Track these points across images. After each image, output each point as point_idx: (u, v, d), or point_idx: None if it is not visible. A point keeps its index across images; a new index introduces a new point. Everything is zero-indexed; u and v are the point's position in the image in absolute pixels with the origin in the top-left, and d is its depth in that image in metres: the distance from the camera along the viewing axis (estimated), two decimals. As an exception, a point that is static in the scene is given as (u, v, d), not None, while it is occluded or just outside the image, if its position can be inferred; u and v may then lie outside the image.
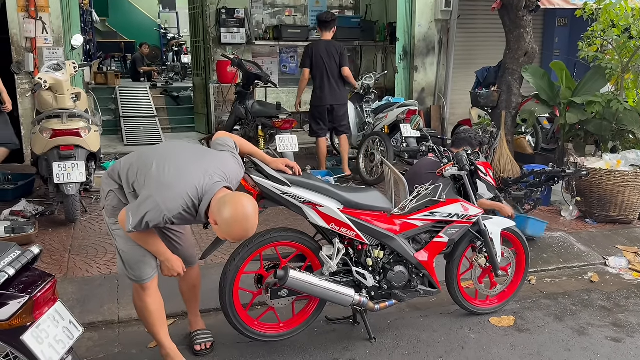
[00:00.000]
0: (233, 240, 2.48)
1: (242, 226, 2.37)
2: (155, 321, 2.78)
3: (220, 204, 2.39)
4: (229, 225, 2.36)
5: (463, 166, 3.34)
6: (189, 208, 2.44)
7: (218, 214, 2.38)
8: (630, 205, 5.13)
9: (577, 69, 7.58)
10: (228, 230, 2.38)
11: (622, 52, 5.75)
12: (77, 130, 4.62)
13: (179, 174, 2.46)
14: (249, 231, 2.41)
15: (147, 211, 2.37)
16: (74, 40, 6.00)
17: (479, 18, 8.56)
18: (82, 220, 4.90)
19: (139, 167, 2.56)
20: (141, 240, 2.59)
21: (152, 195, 2.41)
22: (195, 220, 2.53)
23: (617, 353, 3.19)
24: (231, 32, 8.66)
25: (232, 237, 2.42)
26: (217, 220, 2.39)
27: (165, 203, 2.38)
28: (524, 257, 3.61)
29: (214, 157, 2.63)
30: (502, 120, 6.02)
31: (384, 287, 3.14)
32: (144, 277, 2.71)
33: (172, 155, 2.60)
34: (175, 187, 2.42)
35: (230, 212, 2.35)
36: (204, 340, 3.11)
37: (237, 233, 2.39)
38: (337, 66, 6.12)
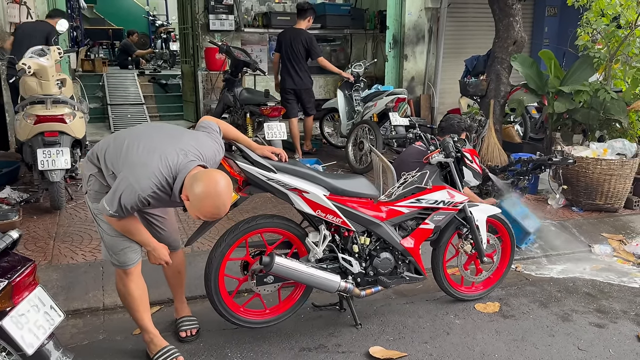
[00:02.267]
0: (204, 218, 2.41)
1: (213, 202, 2.32)
2: (138, 306, 2.77)
3: (193, 180, 2.35)
4: (200, 200, 2.32)
5: (449, 153, 3.35)
6: (163, 187, 2.41)
7: (190, 189, 2.34)
8: (616, 193, 5.17)
9: (566, 58, 7.58)
10: (199, 206, 2.33)
11: (610, 41, 5.77)
12: (61, 116, 4.56)
13: (152, 152, 2.43)
14: (220, 208, 2.35)
15: (122, 192, 2.36)
16: (59, 26, 5.92)
17: (469, 7, 8.54)
18: (68, 207, 4.86)
19: (114, 148, 2.53)
20: (126, 230, 2.57)
21: (126, 176, 2.39)
22: (171, 200, 2.49)
23: (600, 338, 3.22)
24: (220, 18, 8.56)
25: (203, 213, 2.36)
26: (189, 195, 2.35)
27: (139, 182, 2.36)
28: (509, 244, 3.63)
29: (190, 137, 2.60)
30: (490, 109, 6.02)
31: (370, 273, 3.15)
32: (127, 262, 2.69)
33: (147, 134, 2.59)
34: (148, 165, 2.39)
35: (202, 187, 2.31)
36: (190, 327, 3.10)
37: (207, 209, 2.34)
38: (302, 54, 6.63)
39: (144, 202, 2.41)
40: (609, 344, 3.16)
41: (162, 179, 2.40)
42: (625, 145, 5.27)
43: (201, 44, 8.70)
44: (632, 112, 5.54)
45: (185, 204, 2.40)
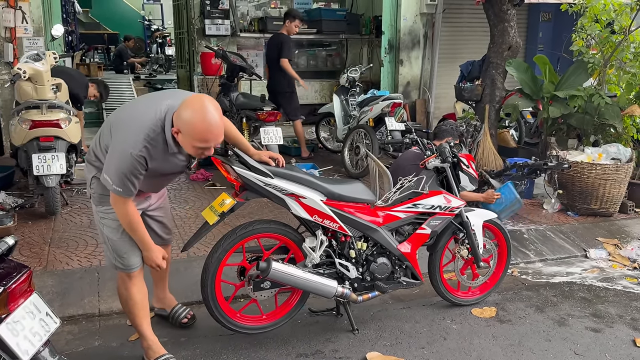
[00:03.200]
0: (200, 143, 2.36)
1: (203, 117, 2.31)
2: (139, 311, 2.76)
3: (180, 110, 2.36)
4: (190, 123, 2.31)
5: (445, 158, 3.35)
6: (152, 139, 2.39)
7: (178, 119, 2.35)
8: (611, 198, 5.19)
9: (561, 63, 7.63)
10: (191, 130, 2.32)
11: (604, 46, 5.81)
12: (56, 121, 4.54)
13: (134, 114, 2.48)
14: (212, 124, 2.33)
15: (116, 160, 2.37)
16: (54, 30, 5.91)
17: (464, 12, 8.58)
18: (63, 212, 4.83)
19: (105, 134, 2.53)
20: (128, 223, 2.54)
21: (114, 143, 2.41)
22: (168, 153, 2.46)
23: (597, 343, 3.23)
24: (215, 23, 8.57)
25: (197, 135, 2.33)
26: (179, 127, 2.35)
27: (127, 141, 2.36)
28: (505, 249, 3.64)
29: (175, 94, 2.57)
30: (485, 113, 6.04)
31: (367, 278, 3.14)
32: (132, 265, 2.70)
33: (130, 105, 2.66)
34: (132, 124, 2.41)
35: (189, 109, 2.33)
36: (186, 312, 3.19)
37: (199, 129, 2.32)
38: (276, 57, 6.77)
39: (140, 163, 2.37)
40: (606, 349, 3.17)
41: (149, 131, 2.38)
42: (619, 149, 5.30)
43: (197, 48, 8.70)
44: (627, 117, 5.58)
45: (178, 141, 2.39)
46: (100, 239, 2.84)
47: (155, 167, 2.48)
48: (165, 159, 2.50)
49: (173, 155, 2.51)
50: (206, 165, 6.29)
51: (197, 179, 6.11)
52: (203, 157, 2.54)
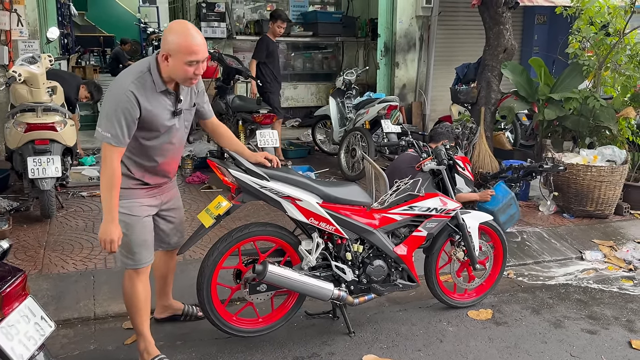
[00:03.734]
0: (190, 56, 2.44)
1: (186, 32, 2.46)
2: (141, 310, 2.78)
3: (164, 37, 2.52)
4: (177, 41, 2.45)
5: (441, 160, 3.36)
6: (140, 78, 2.50)
7: (165, 44, 2.49)
8: (606, 200, 5.20)
9: (556, 66, 7.66)
10: (179, 46, 2.44)
11: (599, 49, 5.83)
12: (52, 124, 4.53)
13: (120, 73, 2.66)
14: (196, 37, 2.46)
15: (107, 105, 2.48)
16: (49, 33, 5.89)
17: (460, 15, 8.60)
18: (58, 215, 4.82)
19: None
20: (108, 180, 2.47)
21: (105, 96, 2.58)
22: (157, 91, 2.53)
23: (593, 345, 3.23)
24: (211, 26, 8.57)
25: (186, 49, 2.44)
26: (167, 50, 2.47)
27: (118, 85, 2.49)
28: (501, 251, 3.64)
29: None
30: (481, 116, 6.05)
31: (363, 281, 3.14)
32: (142, 261, 2.71)
33: None
34: (120, 77, 2.58)
35: (172, 31, 2.49)
36: (196, 310, 3.27)
37: (187, 41, 2.44)
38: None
39: (131, 100, 2.43)
40: (601, 350, 3.17)
41: (136, 73, 2.51)
42: (615, 152, 5.32)
43: (193, 51, 8.67)
44: (622, 119, 5.59)
45: (168, 67, 2.49)
46: None
47: (148, 112, 2.51)
48: (155, 100, 2.54)
49: (161, 95, 2.56)
50: (202, 168, 6.28)
51: (193, 181, 6.10)
52: (194, 80, 2.58)
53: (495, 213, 4.34)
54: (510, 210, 4.61)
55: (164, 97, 2.59)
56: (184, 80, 2.56)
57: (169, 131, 2.66)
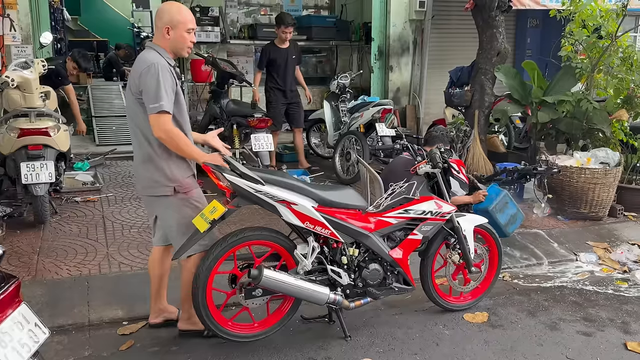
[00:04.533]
0: (190, 23, 2.83)
1: (175, 5, 2.86)
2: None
3: (158, 16, 2.85)
4: (174, 13, 2.82)
5: (436, 164, 3.36)
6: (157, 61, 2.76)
7: (162, 21, 2.82)
8: (600, 202, 5.23)
9: (549, 69, 7.69)
10: (177, 17, 2.81)
11: (592, 52, 5.86)
12: (45, 130, 4.51)
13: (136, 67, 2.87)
14: (186, 8, 2.88)
15: (151, 85, 2.70)
16: (42, 38, 5.87)
17: (453, 18, 8.63)
18: (52, 221, 4.79)
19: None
20: (177, 142, 2.75)
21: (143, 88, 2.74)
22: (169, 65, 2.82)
23: (588, 347, 3.24)
24: (205, 30, 8.55)
25: (184, 17, 2.81)
26: (166, 24, 2.81)
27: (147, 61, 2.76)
28: (496, 254, 3.65)
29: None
30: (475, 119, 6.07)
31: (359, 285, 3.14)
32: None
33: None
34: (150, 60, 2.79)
35: (165, 8, 2.84)
36: None
37: (183, 11, 2.84)
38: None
39: (167, 70, 2.76)
40: (597, 352, 3.18)
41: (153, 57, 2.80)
42: (608, 154, 5.35)
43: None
44: (615, 122, 5.62)
45: (170, 37, 2.82)
46: (173, 233, 2.93)
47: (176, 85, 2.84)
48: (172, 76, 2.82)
49: (172, 70, 2.85)
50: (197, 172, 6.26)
51: (188, 186, 6.08)
52: (189, 49, 2.92)
53: (490, 212, 4.34)
54: (508, 210, 4.54)
55: (173, 71, 2.86)
56: (183, 48, 2.89)
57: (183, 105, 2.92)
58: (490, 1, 5.84)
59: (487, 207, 4.36)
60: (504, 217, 4.50)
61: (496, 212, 4.42)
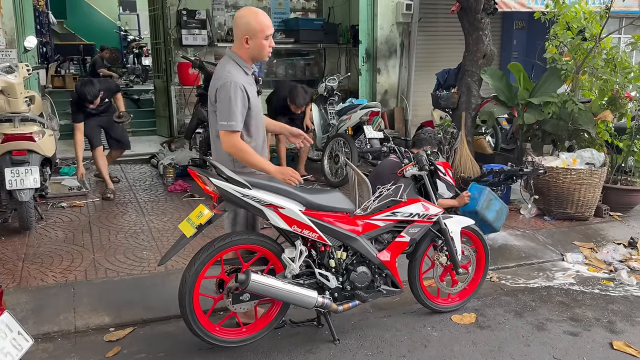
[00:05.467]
0: (268, 30, 2.91)
1: (255, 12, 2.94)
2: None
3: (236, 24, 2.94)
4: (251, 22, 2.88)
5: (423, 166, 3.37)
6: (232, 73, 2.90)
7: (239, 30, 2.91)
8: (586, 202, 5.28)
9: (535, 71, 7.76)
10: (255, 25, 2.88)
11: (576, 53, 5.92)
12: (30, 135, 4.47)
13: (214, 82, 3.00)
14: (263, 13, 2.95)
15: (223, 102, 2.83)
16: (27, 42, 5.81)
17: (439, 21, 8.68)
18: (37, 227, 4.74)
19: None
20: (247, 159, 2.89)
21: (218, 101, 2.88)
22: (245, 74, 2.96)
23: (575, 347, 3.26)
24: (192, 33, 8.53)
25: (261, 25, 2.90)
26: (244, 33, 2.90)
27: (223, 84, 2.86)
28: (483, 255, 3.66)
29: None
30: (462, 121, 6.11)
31: (347, 288, 3.14)
32: None
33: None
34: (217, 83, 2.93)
35: (242, 16, 2.94)
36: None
37: (261, 18, 2.91)
38: None
39: (241, 89, 2.85)
40: (583, 352, 3.20)
41: (230, 69, 2.92)
42: (593, 154, 5.40)
43: (174, 58, 8.64)
44: (600, 122, 5.68)
45: (249, 46, 2.92)
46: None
47: (250, 97, 2.92)
48: (249, 83, 2.96)
49: (249, 77, 2.98)
50: (184, 176, 6.24)
51: (175, 190, 6.06)
52: (269, 53, 3.01)
53: (479, 212, 4.37)
54: (493, 205, 4.57)
55: (251, 77, 3.02)
56: (263, 55, 2.99)
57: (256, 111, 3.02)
58: (476, 4, 5.88)
59: (474, 208, 4.39)
60: (491, 214, 4.53)
61: (484, 210, 4.46)
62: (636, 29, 7.88)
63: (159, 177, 6.71)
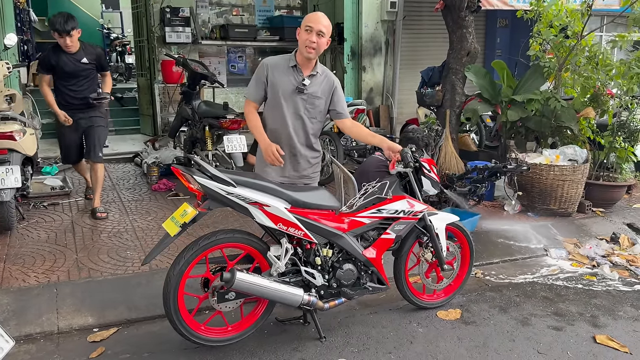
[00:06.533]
0: (307, 23, 3.21)
1: (310, 13, 3.37)
2: None
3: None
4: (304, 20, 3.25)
5: (408, 163, 3.38)
6: (277, 62, 3.36)
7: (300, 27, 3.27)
8: (569, 198, 5.33)
9: (518, 68, 7.82)
10: (303, 22, 3.24)
11: (558, 51, 5.98)
12: (10, 134, 4.40)
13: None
14: (314, 14, 3.27)
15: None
16: (6, 40, 5.71)
17: (424, 19, 8.72)
18: (19, 227, 4.67)
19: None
20: (249, 124, 3.33)
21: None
22: (289, 66, 3.32)
23: (559, 341, 3.30)
24: (176, 31, 8.46)
25: (305, 19, 3.25)
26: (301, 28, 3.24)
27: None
28: (468, 251, 3.69)
29: None
30: (446, 118, 6.14)
31: (333, 285, 3.14)
32: None
33: None
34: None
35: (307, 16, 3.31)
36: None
37: (307, 17, 3.27)
38: None
39: (263, 68, 3.32)
40: (567, 346, 3.24)
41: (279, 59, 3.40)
42: (576, 151, 5.46)
43: (157, 56, 8.57)
44: (582, 119, 5.75)
45: (298, 39, 3.26)
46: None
47: (275, 80, 3.29)
48: (284, 73, 3.30)
49: (291, 69, 3.31)
50: (168, 175, 6.19)
51: (159, 189, 6.01)
52: (309, 49, 3.20)
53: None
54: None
55: (295, 70, 3.31)
56: (302, 48, 3.22)
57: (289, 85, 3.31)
58: (460, 2, 5.91)
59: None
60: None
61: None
62: (617, 27, 7.98)
63: (142, 176, 6.65)
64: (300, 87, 3.26)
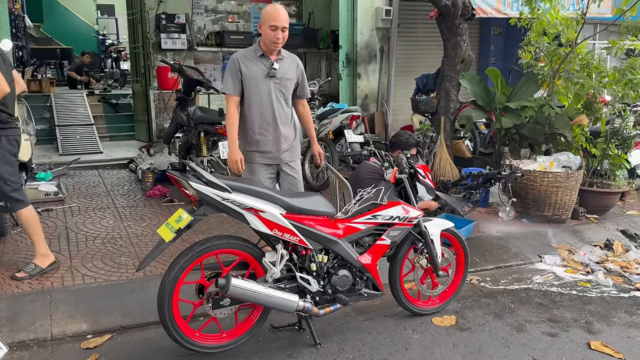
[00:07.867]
0: (272, 22, 3.39)
1: (271, 6, 3.48)
2: None
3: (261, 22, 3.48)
4: (264, 13, 3.44)
5: (402, 169, 3.39)
6: (246, 54, 3.56)
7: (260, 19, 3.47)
8: (563, 204, 5.36)
9: (512, 76, 7.87)
10: (265, 16, 3.43)
11: (552, 58, 6.02)
12: (5, 139, 4.36)
13: None
14: (277, 9, 3.44)
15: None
16: (2, 45, 5.67)
17: (418, 26, 8.77)
18: (13, 233, 4.64)
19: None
20: (227, 121, 3.56)
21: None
22: (256, 56, 3.54)
23: (553, 347, 3.30)
24: (171, 37, 8.49)
25: (268, 17, 3.40)
26: (260, 22, 3.46)
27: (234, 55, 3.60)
28: (463, 257, 3.69)
29: None
30: (441, 125, 6.16)
31: (329, 291, 3.13)
32: None
33: None
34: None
35: (264, 8, 3.49)
36: None
37: (269, 12, 3.43)
38: None
39: (235, 64, 3.50)
40: (562, 353, 3.24)
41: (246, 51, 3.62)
42: (570, 158, 5.49)
43: (153, 63, 8.58)
44: (576, 126, 5.79)
45: (261, 32, 3.47)
46: None
47: (248, 71, 3.51)
48: (254, 63, 3.53)
49: (259, 58, 3.53)
50: (163, 181, 6.18)
51: (154, 195, 5.99)
52: (276, 44, 3.46)
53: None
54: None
55: (263, 59, 3.53)
56: (269, 42, 3.45)
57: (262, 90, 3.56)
58: (454, 9, 5.95)
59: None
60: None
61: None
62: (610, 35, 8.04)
63: (137, 182, 6.63)
64: (272, 72, 3.54)
